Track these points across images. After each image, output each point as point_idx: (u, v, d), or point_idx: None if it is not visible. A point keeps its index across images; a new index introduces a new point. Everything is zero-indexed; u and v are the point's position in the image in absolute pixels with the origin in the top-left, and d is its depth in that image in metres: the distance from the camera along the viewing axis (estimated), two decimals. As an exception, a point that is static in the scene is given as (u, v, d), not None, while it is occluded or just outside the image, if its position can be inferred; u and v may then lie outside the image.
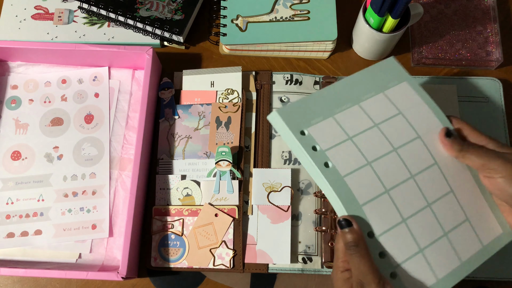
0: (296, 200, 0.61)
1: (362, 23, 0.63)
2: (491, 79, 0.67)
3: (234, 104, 0.64)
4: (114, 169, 0.63)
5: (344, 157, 0.46)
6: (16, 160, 0.64)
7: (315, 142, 0.46)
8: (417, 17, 0.64)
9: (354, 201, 0.44)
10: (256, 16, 0.68)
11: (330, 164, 0.45)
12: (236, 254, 0.59)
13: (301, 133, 0.46)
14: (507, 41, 0.70)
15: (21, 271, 0.54)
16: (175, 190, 0.62)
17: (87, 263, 0.59)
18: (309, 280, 0.60)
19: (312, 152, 0.46)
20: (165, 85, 0.67)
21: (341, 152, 0.46)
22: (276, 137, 0.64)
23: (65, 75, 0.68)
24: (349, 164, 0.46)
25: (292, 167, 0.62)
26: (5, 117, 0.66)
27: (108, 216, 0.61)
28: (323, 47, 0.68)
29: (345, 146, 0.47)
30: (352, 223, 0.43)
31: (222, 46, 0.70)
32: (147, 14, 0.68)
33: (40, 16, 0.71)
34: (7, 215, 0.61)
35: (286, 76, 0.67)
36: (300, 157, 0.47)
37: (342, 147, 0.47)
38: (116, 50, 0.62)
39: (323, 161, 0.45)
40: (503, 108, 0.65)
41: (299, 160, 0.48)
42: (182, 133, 0.64)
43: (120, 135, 0.65)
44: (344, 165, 0.46)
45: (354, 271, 0.43)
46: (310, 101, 0.49)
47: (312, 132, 0.47)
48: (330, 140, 0.47)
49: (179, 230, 0.60)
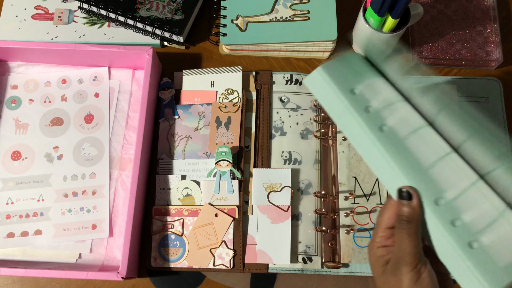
0: (296, 200, 0.61)
1: (362, 23, 0.63)
2: (491, 79, 0.67)
3: (234, 104, 0.64)
4: (114, 169, 0.63)
5: (400, 118, 0.39)
6: (16, 160, 0.64)
7: (367, 102, 0.39)
8: (417, 17, 0.64)
9: (417, 166, 0.38)
10: (256, 16, 0.68)
11: (386, 128, 0.39)
12: (236, 254, 0.59)
13: (351, 91, 0.40)
14: (507, 41, 0.70)
15: (21, 271, 0.54)
16: (175, 190, 0.62)
17: (87, 263, 0.59)
18: (309, 280, 0.60)
19: (365, 115, 0.39)
20: (165, 85, 0.67)
21: (396, 114, 0.39)
22: (276, 137, 0.64)
23: (65, 75, 0.68)
24: (407, 126, 0.39)
25: (292, 167, 0.62)
26: (5, 117, 0.66)
27: (108, 216, 0.61)
28: (323, 47, 0.68)
29: (399, 106, 0.40)
30: (413, 197, 0.39)
31: (222, 46, 0.70)
32: (147, 14, 0.68)
33: (40, 16, 0.71)
34: (7, 215, 0.61)
35: (286, 76, 0.67)
36: (346, 121, 0.40)
37: (397, 108, 0.40)
38: (116, 50, 0.62)
39: (378, 124, 0.39)
40: (503, 108, 0.65)
41: (342, 126, 0.41)
42: (182, 133, 0.64)
43: (120, 135, 0.65)
44: (402, 126, 0.39)
45: (396, 248, 0.39)
46: (355, 58, 0.41)
47: (364, 90, 0.40)
48: (382, 100, 0.40)
49: (179, 230, 0.60)
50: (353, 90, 0.39)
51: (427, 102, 0.41)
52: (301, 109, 0.65)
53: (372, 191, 0.61)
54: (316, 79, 0.40)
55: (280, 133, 0.64)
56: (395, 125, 0.39)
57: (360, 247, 0.59)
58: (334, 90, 0.39)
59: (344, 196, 0.61)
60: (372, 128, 0.39)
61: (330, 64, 0.40)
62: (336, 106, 0.40)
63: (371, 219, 0.60)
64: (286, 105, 0.66)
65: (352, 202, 0.61)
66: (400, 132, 0.39)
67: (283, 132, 0.64)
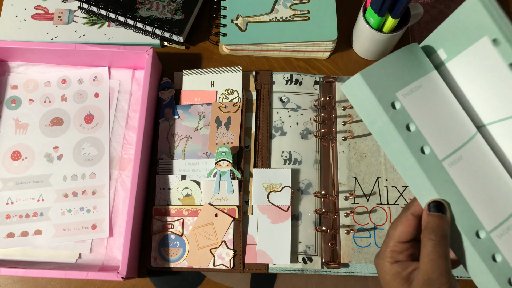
0: (296, 200, 0.61)
1: (362, 23, 0.63)
2: (491, 79, 0.67)
3: (234, 104, 0.64)
4: (114, 169, 0.63)
5: (440, 138, 0.36)
6: (16, 160, 0.64)
7: (409, 118, 0.35)
8: (417, 17, 0.64)
9: (456, 194, 0.36)
10: (256, 16, 0.68)
11: (428, 150, 0.36)
12: (236, 254, 0.59)
13: (392, 106, 0.35)
14: (507, 41, 0.70)
15: (21, 271, 0.54)
16: (175, 190, 0.62)
17: (87, 263, 0.59)
18: (309, 280, 0.60)
19: (407, 133, 0.35)
20: (165, 85, 0.67)
21: (437, 132, 0.36)
22: (276, 137, 0.64)
23: (65, 75, 0.68)
24: (446, 147, 0.36)
25: (292, 167, 0.62)
26: (5, 117, 0.66)
27: (108, 216, 0.61)
28: (323, 47, 0.68)
29: (439, 123, 0.36)
30: (447, 211, 0.35)
31: (222, 46, 0.70)
32: (147, 14, 0.68)
33: (40, 16, 0.71)
34: (7, 215, 0.61)
35: (286, 76, 0.67)
36: (385, 138, 0.36)
37: (437, 125, 0.36)
38: (116, 50, 0.62)
39: (419, 145, 0.35)
40: (503, 108, 0.65)
41: (381, 141, 0.37)
42: (182, 133, 0.64)
43: (120, 135, 0.65)
44: (441, 148, 0.36)
45: (427, 266, 0.35)
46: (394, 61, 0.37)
47: (405, 104, 0.36)
48: (423, 115, 0.36)
49: (179, 230, 0.60)
50: (393, 104, 0.35)
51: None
52: (301, 109, 0.65)
53: (372, 191, 0.61)
54: (354, 85, 0.36)
55: (280, 133, 0.64)
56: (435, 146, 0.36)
57: (360, 247, 0.59)
58: (373, 101, 0.35)
59: (344, 196, 0.61)
60: (414, 149, 0.35)
61: (371, 69, 0.36)
62: (373, 118, 0.36)
63: (371, 219, 0.60)
64: (286, 105, 0.66)
65: (352, 202, 0.61)
66: (439, 155, 0.36)
67: (283, 132, 0.64)
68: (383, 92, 0.35)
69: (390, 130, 0.35)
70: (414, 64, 0.38)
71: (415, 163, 0.35)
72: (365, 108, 0.36)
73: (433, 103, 0.37)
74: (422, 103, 0.36)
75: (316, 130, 0.65)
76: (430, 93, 0.37)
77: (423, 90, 0.37)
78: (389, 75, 0.36)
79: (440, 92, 0.38)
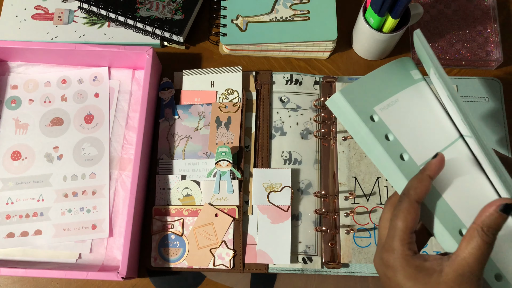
0: (296, 200, 0.61)
1: (362, 23, 0.63)
2: (491, 79, 0.67)
3: (234, 104, 0.64)
4: (114, 169, 0.63)
5: (418, 145, 0.40)
6: (16, 160, 0.64)
7: (387, 129, 0.40)
8: (417, 17, 0.64)
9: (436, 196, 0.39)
10: (256, 16, 0.68)
11: (406, 156, 0.39)
12: (236, 254, 0.59)
13: (371, 118, 0.39)
14: (507, 41, 0.70)
15: (21, 271, 0.54)
16: (175, 190, 0.62)
17: (87, 263, 0.59)
18: (309, 280, 0.60)
19: (386, 143, 0.39)
20: (165, 85, 0.67)
21: (414, 140, 0.40)
22: (276, 137, 0.64)
23: (65, 75, 0.68)
24: (424, 153, 0.39)
25: (292, 167, 0.62)
26: (5, 117, 0.66)
27: (108, 216, 0.61)
28: (323, 47, 0.68)
29: (417, 131, 0.40)
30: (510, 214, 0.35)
31: (222, 46, 0.70)
32: (147, 14, 0.68)
33: (40, 16, 0.71)
34: (7, 215, 0.61)
35: (286, 76, 0.67)
36: (368, 146, 0.40)
37: (415, 133, 0.40)
38: (116, 50, 0.62)
39: (398, 152, 0.39)
40: (503, 108, 0.65)
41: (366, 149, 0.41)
42: (182, 133, 0.64)
43: (120, 135, 0.65)
44: (418, 154, 0.39)
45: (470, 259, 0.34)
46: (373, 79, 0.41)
47: (383, 117, 0.40)
48: (400, 126, 0.40)
49: (179, 230, 0.60)
50: (372, 117, 0.39)
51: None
52: (301, 109, 0.65)
53: (372, 191, 0.61)
54: (336, 101, 0.40)
55: (280, 133, 0.64)
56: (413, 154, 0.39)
57: (360, 247, 0.59)
58: (353, 116, 0.39)
59: (344, 196, 0.61)
60: (394, 157, 0.39)
61: (350, 87, 0.40)
62: (356, 130, 0.40)
63: (371, 219, 0.60)
64: (286, 105, 0.66)
65: (352, 202, 0.61)
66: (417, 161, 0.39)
67: (283, 132, 0.64)
68: (362, 107, 0.39)
69: (371, 140, 0.39)
70: (395, 79, 0.42)
71: (396, 168, 0.39)
72: (348, 120, 0.40)
73: (411, 115, 0.41)
74: (400, 115, 0.40)
75: (316, 130, 0.65)
76: (407, 106, 0.41)
77: (400, 104, 0.41)
78: (367, 92, 0.40)
79: (422, 103, 0.42)
